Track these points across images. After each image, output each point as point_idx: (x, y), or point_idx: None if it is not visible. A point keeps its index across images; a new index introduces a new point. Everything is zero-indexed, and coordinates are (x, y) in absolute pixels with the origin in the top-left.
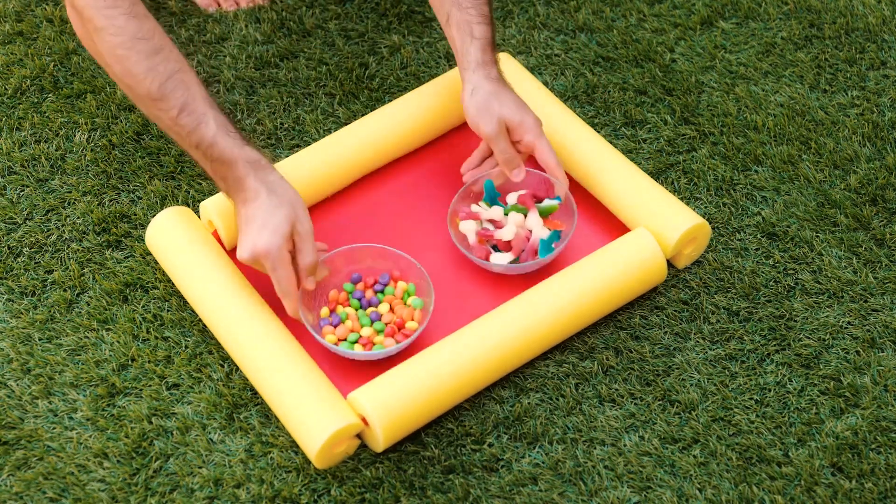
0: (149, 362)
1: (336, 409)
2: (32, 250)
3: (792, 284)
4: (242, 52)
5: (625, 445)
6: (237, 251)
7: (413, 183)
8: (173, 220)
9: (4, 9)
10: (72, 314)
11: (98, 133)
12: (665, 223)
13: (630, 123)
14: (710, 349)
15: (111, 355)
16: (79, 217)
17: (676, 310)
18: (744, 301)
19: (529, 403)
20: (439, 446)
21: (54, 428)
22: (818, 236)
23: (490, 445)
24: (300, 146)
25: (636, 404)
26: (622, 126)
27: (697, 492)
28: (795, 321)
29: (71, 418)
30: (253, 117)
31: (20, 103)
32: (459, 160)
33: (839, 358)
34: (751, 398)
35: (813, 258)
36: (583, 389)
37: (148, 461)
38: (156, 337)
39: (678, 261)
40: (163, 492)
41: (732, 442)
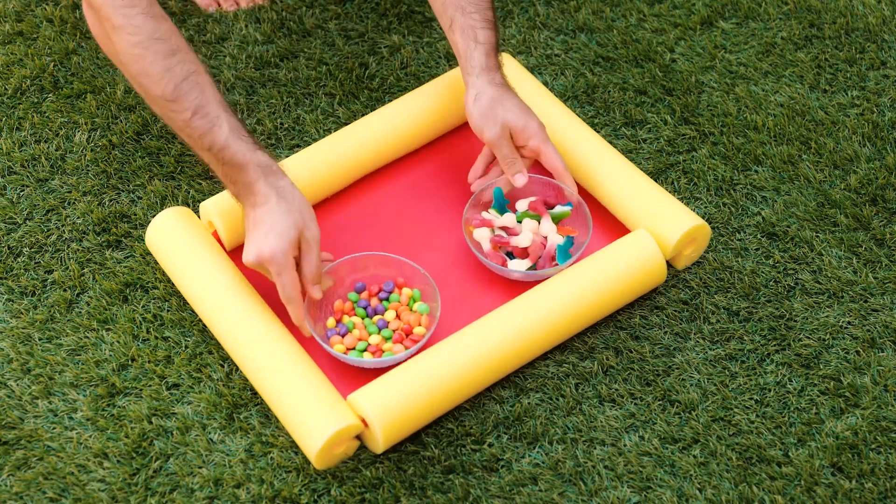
0: (149, 362)
1: (336, 410)
2: (32, 250)
3: (792, 284)
4: (242, 52)
5: (625, 445)
6: (243, 255)
7: (413, 183)
8: (173, 221)
9: (4, 9)
10: (72, 314)
11: (98, 133)
12: (665, 224)
13: (630, 123)
14: (710, 349)
15: (111, 355)
16: (79, 217)
17: (676, 310)
18: (744, 301)
19: (529, 403)
20: (439, 446)
21: (54, 428)
22: (818, 236)
23: (490, 445)
24: (300, 146)
25: (636, 404)
26: (622, 126)
27: (697, 492)
28: (795, 321)
29: (71, 418)
30: (253, 117)
31: (20, 103)
32: (459, 160)
33: (839, 358)
34: (751, 398)
35: (813, 258)
36: (583, 389)
37: (148, 461)
38: (156, 337)
39: (678, 262)
40: (163, 492)
41: (732, 442)
